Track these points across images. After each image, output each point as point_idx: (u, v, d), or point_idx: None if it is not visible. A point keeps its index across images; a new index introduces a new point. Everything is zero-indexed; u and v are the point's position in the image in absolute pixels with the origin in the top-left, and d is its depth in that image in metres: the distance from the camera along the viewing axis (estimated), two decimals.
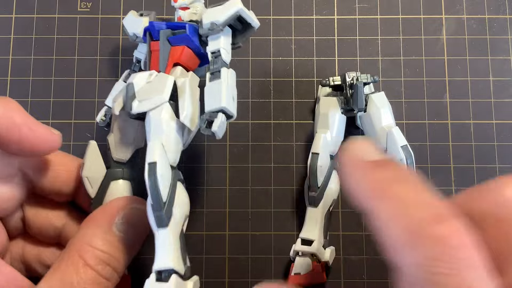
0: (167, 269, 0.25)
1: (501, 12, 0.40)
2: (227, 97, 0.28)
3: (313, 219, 0.33)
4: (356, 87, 0.33)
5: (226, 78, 0.28)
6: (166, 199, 0.25)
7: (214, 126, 0.27)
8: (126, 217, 0.27)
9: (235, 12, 0.30)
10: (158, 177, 0.25)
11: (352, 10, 0.40)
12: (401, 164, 0.31)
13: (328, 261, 0.33)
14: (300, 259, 0.32)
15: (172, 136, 0.27)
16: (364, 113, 0.34)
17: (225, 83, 0.28)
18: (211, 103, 0.28)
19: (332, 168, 0.34)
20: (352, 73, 0.34)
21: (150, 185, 0.25)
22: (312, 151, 0.33)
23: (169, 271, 0.25)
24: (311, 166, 0.33)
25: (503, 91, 0.38)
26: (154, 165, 0.25)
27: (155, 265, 0.25)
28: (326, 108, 0.34)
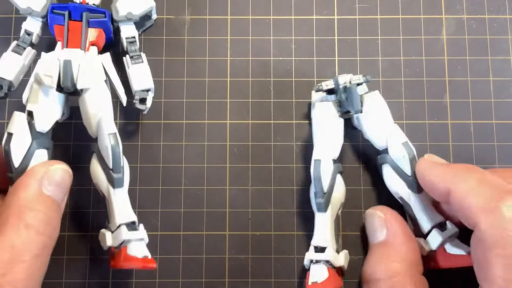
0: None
1: (501, 12, 0.40)
2: (151, 78, 0.34)
3: (323, 225, 0.32)
4: (350, 90, 0.33)
5: (146, 61, 0.35)
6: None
7: (148, 103, 0.34)
8: (51, 178, 0.29)
9: (150, 7, 0.36)
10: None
11: (352, 10, 0.40)
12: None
13: (343, 265, 0.32)
14: (315, 267, 0.32)
15: (111, 107, 0.33)
16: (361, 114, 0.34)
17: (147, 66, 0.35)
18: (140, 84, 0.34)
19: (336, 172, 0.33)
20: (344, 76, 0.34)
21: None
22: (314, 158, 0.32)
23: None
24: (315, 173, 0.32)
25: (503, 91, 0.38)
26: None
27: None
28: (322, 114, 0.34)
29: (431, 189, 0.30)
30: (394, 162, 0.33)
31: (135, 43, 0.35)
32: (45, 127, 0.32)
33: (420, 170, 0.31)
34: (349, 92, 0.33)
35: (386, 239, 0.32)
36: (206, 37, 0.39)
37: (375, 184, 0.37)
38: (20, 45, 0.34)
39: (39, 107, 0.32)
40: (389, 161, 0.33)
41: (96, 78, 0.32)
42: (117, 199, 0.31)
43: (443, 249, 0.32)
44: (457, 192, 0.27)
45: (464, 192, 0.27)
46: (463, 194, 0.27)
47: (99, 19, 0.34)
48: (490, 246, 0.24)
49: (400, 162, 0.33)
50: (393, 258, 0.30)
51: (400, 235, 0.32)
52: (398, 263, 0.30)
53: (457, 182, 0.28)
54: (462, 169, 0.29)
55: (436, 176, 0.30)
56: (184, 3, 0.39)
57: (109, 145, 0.31)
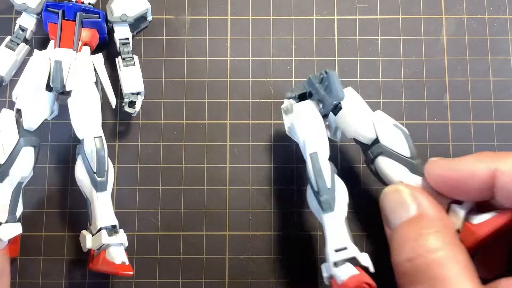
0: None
1: (501, 12, 0.40)
2: (142, 82, 0.35)
3: (336, 226, 0.28)
4: (328, 78, 0.30)
5: (138, 64, 0.35)
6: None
7: (137, 107, 0.34)
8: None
9: (145, 9, 0.36)
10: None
11: (352, 10, 0.40)
12: None
13: (369, 266, 0.28)
14: (339, 269, 0.27)
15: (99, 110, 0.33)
16: (341, 113, 0.32)
17: (139, 69, 0.35)
18: (130, 87, 0.34)
19: (334, 171, 0.30)
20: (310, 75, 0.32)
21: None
22: (310, 152, 0.30)
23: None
24: (314, 166, 0.29)
25: (503, 91, 0.38)
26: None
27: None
28: (305, 112, 0.31)
29: (463, 181, 0.27)
30: (389, 149, 0.30)
31: (128, 44, 0.36)
32: (33, 125, 0.32)
33: (438, 170, 0.29)
34: (328, 80, 0.30)
35: (418, 213, 0.27)
36: (206, 37, 0.39)
37: (375, 184, 0.37)
38: (14, 40, 0.34)
39: (27, 105, 0.32)
40: (383, 149, 0.31)
41: (85, 79, 0.32)
42: (100, 203, 0.31)
43: (469, 223, 0.28)
44: (507, 166, 0.25)
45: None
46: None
47: (93, 20, 0.34)
48: None
49: (395, 145, 0.30)
50: (432, 230, 0.26)
51: (434, 205, 0.28)
52: (440, 234, 0.26)
53: (502, 161, 0.26)
54: (489, 154, 0.27)
55: (468, 165, 0.27)
56: (184, 3, 0.39)
57: (94, 149, 0.31)
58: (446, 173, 0.28)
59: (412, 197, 0.28)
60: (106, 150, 0.31)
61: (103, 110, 0.34)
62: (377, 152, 0.31)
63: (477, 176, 0.26)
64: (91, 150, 0.31)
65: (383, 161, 0.31)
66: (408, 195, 0.28)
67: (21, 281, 0.35)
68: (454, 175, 0.28)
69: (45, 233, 0.36)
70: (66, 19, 0.34)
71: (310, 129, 0.31)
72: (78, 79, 0.32)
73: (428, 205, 0.27)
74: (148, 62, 0.38)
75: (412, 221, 0.27)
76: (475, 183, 0.27)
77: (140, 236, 0.36)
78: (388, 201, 0.29)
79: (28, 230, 0.36)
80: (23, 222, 0.33)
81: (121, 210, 0.36)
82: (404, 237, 0.27)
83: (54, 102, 0.34)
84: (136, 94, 0.35)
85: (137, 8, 0.35)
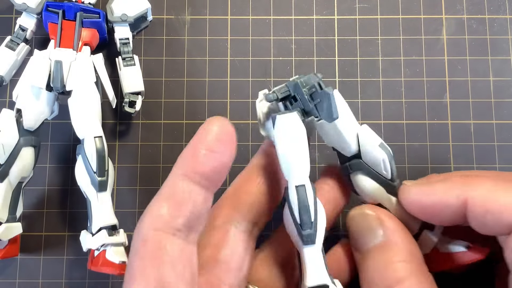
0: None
1: (501, 12, 0.40)
2: (142, 81, 0.35)
3: (315, 260, 0.26)
4: (328, 96, 0.27)
5: (139, 63, 0.35)
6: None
7: (137, 107, 0.35)
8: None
9: (145, 9, 0.36)
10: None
11: (352, 10, 0.40)
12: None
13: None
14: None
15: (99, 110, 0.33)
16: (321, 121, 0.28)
17: (139, 69, 0.35)
18: (131, 86, 0.35)
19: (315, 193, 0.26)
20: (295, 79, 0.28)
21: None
22: (297, 184, 0.25)
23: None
24: (301, 202, 0.25)
25: (503, 91, 0.38)
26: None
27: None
28: (292, 129, 0.26)
29: (436, 208, 0.27)
30: (370, 168, 0.29)
31: (128, 44, 0.36)
32: (33, 125, 0.32)
33: (412, 196, 0.27)
34: (325, 99, 0.27)
35: (385, 239, 0.27)
36: (206, 37, 0.39)
37: None
38: (14, 40, 0.34)
39: (28, 105, 0.32)
40: (363, 167, 0.29)
41: (85, 80, 0.32)
42: (100, 203, 0.31)
43: (437, 250, 0.29)
44: (477, 196, 0.25)
45: (487, 194, 0.25)
46: (486, 197, 0.24)
47: (93, 20, 0.34)
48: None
49: (377, 166, 0.29)
50: (399, 259, 0.26)
51: (401, 232, 0.27)
52: (407, 263, 0.26)
53: (472, 189, 0.25)
54: (460, 179, 0.26)
55: (439, 194, 0.26)
56: (184, 3, 0.39)
57: (94, 148, 0.31)
58: (418, 201, 0.27)
59: (379, 222, 0.27)
60: (106, 150, 0.31)
61: (103, 110, 0.34)
62: (357, 168, 0.29)
63: (449, 204, 0.26)
64: (91, 150, 0.31)
65: (361, 178, 0.29)
66: (375, 220, 0.27)
67: (21, 281, 0.35)
68: (427, 202, 0.27)
69: (45, 233, 0.36)
70: (66, 19, 0.34)
71: (296, 155, 0.26)
72: (78, 79, 0.32)
73: (395, 231, 0.27)
74: (148, 62, 0.38)
75: (379, 248, 0.27)
76: (447, 211, 0.26)
77: None
78: (356, 225, 0.29)
79: (28, 230, 0.36)
80: (23, 222, 0.34)
81: (121, 210, 0.36)
82: (373, 265, 0.26)
83: (54, 102, 0.34)
84: (136, 94, 0.35)
85: (137, 8, 0.35)
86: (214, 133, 0.22)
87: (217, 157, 0.22)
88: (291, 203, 0.26)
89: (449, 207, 0.26)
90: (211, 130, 0.23)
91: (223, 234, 0.26)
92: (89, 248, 0.31)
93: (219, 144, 0.22)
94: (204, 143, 0.22)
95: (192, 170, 0.22)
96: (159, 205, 0.22)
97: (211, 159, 0.22)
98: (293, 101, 0.28)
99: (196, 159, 0.22)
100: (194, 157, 0.22)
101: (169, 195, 0.22)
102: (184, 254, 0.22)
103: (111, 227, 0.32)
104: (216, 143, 0.22)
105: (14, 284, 0.35)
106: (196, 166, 0.22)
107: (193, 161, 0.22)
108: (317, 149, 0.37)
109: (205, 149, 0.22)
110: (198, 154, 0.22)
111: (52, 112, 0.34)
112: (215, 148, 0.22)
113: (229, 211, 0.27)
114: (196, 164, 0.22)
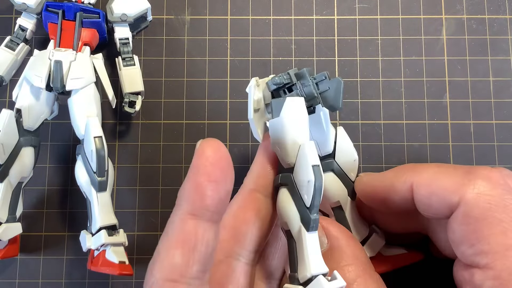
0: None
1: (501, 12, 0.40)
2: (142, 82, 0.35)
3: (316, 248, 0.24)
4: (338, 83, 0.27)
5: (138, 64, 0.36)
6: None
7: (137, 107, 0.35)
8: None
9: (145, 9, 0.36)
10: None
11: (352, 10, 0.40)
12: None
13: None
14: None
15: (99, 110, 0.33)
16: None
17: (139, 69, 0.35)
18: (131, 87, 0.35)
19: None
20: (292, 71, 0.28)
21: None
22: (313, 164, 0.23)
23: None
24: (318, 183, 0.23)
25: (503, 91, 0.38)
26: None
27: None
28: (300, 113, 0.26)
29: (385, 194, 0.28)
30: (340, 169, 0.30)
31: (128, 44, 0.36)
32: (33, 125, 0.32)
33: (364, 182, 0.29)
34: (333, 86, 0.27)
35: (329, 246, 0.27)
36: (206, 37, 0.39)
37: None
38: (14, 40, 0.34)
39: (28, 105, 0.32)
40: (334, 167, 0.30)
41: (85, 80, 0.32)
42: (100, 203, 0.31)
43: (380, 254, 0.31)
44: (422, 179, 0.26)
45: (431, 178, 0.26)
46: (430, 180, 0.26)
47: (92, 20, 0.34)
48: (482, 215, 0.24)
49: (347, 167, 0.30)
50: (344, 262, 0.26)
51: (343, 236, 0.27)
52: (353, 266, 0.26)
53: (418, 174, 0.27)
54: (408, 167, 0.28)
55: (389, 179, 0.28)
56: (184, 3, 0.39)
57: (94, 148, 0.31)
58: (369, 188, 0.29)
59: (322, 230, 0.27)
60: (106, 150, 0.31)
61: (103, 110, 0.34)
62: (328, 168, 0.30)
63: (397, 190, 0.27)
64: (91, 150, 0.31)
65: (330, 177, 0.30)
66: (319, 229, 0.26)
67: (21, 281, 0.35)
68: (377, 189, 0.28)
69: (45, 233, 0.36)
70: (66, 19, 0.34)
71: (307, 136, 0.26)
72: (78, 79, 0.32)
73: (338, 237, 0.27)
74: (148, 62, 0.38)
75: (326, 255, 0.26)
76: (396, 197, 0.27)
77: (140, 236, 0.36)
78: None
79: (28, 230, 0.36)
80: (23, 222, 0.34)
81: (121, 210, 0.36)
82: None
83: (54, 102, 0.34)
84: (136, 94, 0.35)
85: (137, 8, 0.35)
86: (213, 161, 0.21)
87: (221, 187, 0.21)
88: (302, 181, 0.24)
89: (398, 193, 0.27)
90: (209, 158, 0.21)
91: (226, 268, 0.25)
92: (89, 248, 0.31)
93: (221, 172, 0.21)
94: (205, 175, 0.21)
95: (200, 206, 0.21)
96: (171, 253, 0.20)
97: (216, 190, 0.21)
98: (287, 91, 0.28)
99: (202, 194, 0.21)
100: (198, 192, 0.21)
101: (180, 240, 0.20)
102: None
103: (111, 227, 0.32)
104: (217, 173, 0.21)
105: (14, 284, 0.35)
106: (203, 201, 0.21)
107: (199, 196, 0.21)
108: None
109: (208, 181, 0.21)
110: (202, 187, 0.21)
111: (52, 112, 0.34)
112: (218, 178, 0.21)
113: (230, 244, 0.26)
114: (203, 198, 0.21)
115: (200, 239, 0.20)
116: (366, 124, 0.38)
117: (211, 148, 0.22)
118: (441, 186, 0.25)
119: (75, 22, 0.34)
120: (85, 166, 0.32)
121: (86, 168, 0.32)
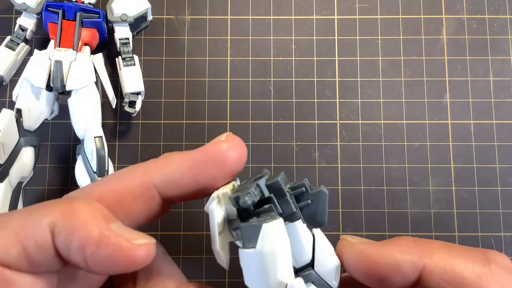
0: None
1: (501, 12, 0.40)
2: (142, 81, 0.35)
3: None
4: (324, 197, 0.22)
5: (138, 63, 0.36)
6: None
7: (137, 107, 0.35)
8: None
9: (145, 9, 0.36)
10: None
11: (352, 10, 0.40)
12: None
13: None
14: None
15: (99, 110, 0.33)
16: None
17: (139, 69, 0.35)
18: (131, 86, 0.35)
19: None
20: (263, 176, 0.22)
21: None
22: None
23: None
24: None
25: (503, 91, 0.38)
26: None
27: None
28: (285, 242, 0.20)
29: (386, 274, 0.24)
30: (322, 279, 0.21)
31: (128, 44, 0.36)
32: (33, 125, 0.32)
33: (359, 253, 0.24)
34: (316, 199, 0.22)
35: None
36: (206, 37, 0.39)
37: (375, 184, 0.37)
38: (14, 40, 0.34)
39: (28, 105, 0.32)
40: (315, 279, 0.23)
41: (85, 80, 0.32)
42: None
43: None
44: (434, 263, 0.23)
45: (445, 263, 0.23)
46: (444, 265, 0.23)
47: (93, 20, 0.34)
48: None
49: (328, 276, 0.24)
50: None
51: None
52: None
53: (427, 256, 0.23)
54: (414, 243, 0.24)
55: (395, 256, 0.23)
56: (184, 3, 0.39)
57: (94, 148, 0.31)
58: (365, 262, 0.24)
59: None
60: (106, 150, 0.31)
61: (103, 110, 0.34)
62: (308, 280, 0.24)
63: (402, 270, 0.23)
64: (91, 150, 0.31)
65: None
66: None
67: None
68: (377, 266, 0.24)
69: None
70: (66, 19, 0.34)
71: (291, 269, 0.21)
72: (78, 79, 0.32)
73: None
74: (148, 62, 0.38)
75: None
76: (399, 277, 0.24)
77: None
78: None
79: None
80: None
81: None
82: None
83: (54, 102, 0.34)
84: (136, 94, 0.35)
85: (137, 8, 0.35)
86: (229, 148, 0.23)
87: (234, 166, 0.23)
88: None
89: (402, 274, 0.24)
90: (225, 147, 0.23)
91: None
92: None
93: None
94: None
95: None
96: None
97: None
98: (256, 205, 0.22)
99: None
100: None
101: None
102: None
103: None
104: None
105: None
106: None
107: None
108: (317, 149, 0.37)
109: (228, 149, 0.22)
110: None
111: (52, 112, 0.34)
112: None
113: None
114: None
115: None
116: (366, 124, 0.38)
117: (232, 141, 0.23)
118: (459, 274, 0.23)
119: (75, 22, 0.34)
120: (85, 166, 0.32)
121: (86, 168, 0.32)
